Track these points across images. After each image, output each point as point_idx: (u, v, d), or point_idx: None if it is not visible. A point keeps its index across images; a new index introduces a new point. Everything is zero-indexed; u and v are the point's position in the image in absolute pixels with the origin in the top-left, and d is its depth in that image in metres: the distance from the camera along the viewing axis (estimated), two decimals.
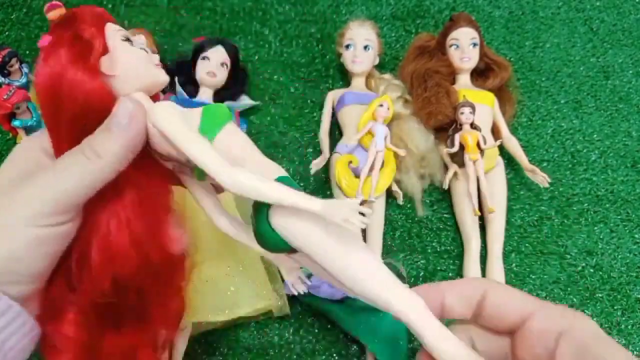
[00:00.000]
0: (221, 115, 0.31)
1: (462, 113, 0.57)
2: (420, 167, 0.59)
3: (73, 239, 0.29)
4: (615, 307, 0.54)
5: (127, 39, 0.30)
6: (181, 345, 0.49)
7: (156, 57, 0.32)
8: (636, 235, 0.59)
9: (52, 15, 0.56)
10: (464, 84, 0.62)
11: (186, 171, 0.34)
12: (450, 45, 0.62)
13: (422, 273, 0.56)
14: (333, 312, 0.50)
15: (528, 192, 0.61)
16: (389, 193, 0.59)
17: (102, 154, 0.27)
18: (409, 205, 0.59)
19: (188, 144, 0.28)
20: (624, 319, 0.53)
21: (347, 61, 0.62)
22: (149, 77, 0.31)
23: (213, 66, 0.59)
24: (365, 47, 0.62)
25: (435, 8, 0.76)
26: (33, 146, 0.32)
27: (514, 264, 0.56)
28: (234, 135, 0.31)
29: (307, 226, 0.26)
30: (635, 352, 0.51)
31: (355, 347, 0.50)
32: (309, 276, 0.42)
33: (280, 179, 0.28)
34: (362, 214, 0.24)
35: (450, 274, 0.56)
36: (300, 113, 0.65)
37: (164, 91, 0.60)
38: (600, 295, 0.55)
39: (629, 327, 0.53)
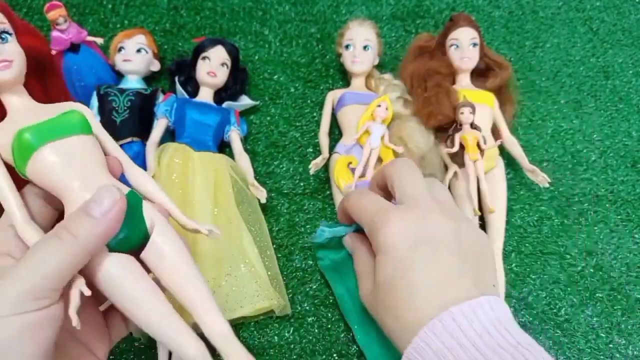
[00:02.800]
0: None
1: (462, 113, 0.57)
2: (420, 167, 0.59)
3: None
4: (615, 307, 0.54)
5: None
6: None
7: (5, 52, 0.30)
8: (636, 235, 0.59)
9: (52, 15, 0.56)
10: (464, 84, 0.62)
11: None
12: (450, 45, 0.62)
13: None
14: (342, 297, 0.50)
15: (528, 192, 0.61)
16: None
17: (80, 236, 0.28)
18: None
19: None
20: (624, 319, 0.53)
21: (346, 61, 0.62)
22: None
23: (213, 66, 0.59)
24: (365, 47, 0.62)
25: (435, 8, 0.76)
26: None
27: (514, 264, 0.56)
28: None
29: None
30: (635, 352, 0.51)
31: (355, 347, 0.50)
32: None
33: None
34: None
35: None
36: (300, 113, 0.65)
37: (164, 91, 0.61)
38: (600, 295, 0.55)
39: (629, 327, 0.53)
